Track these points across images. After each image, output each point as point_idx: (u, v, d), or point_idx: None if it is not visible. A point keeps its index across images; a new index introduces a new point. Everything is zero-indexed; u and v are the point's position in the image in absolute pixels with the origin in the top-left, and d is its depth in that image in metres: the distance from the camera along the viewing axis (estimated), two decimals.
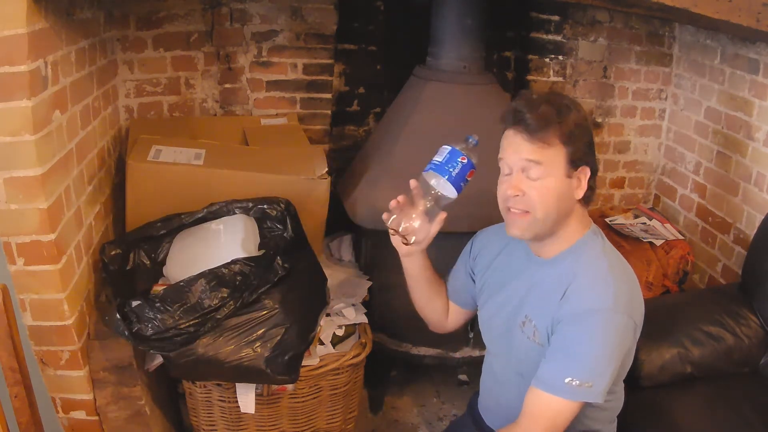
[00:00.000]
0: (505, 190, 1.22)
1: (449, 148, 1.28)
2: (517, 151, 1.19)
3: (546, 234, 1.24)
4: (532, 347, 1.24)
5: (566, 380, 1.14)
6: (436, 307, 1.51)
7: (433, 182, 1.28)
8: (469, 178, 1.28)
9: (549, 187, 1.19)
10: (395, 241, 1.36)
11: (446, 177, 1.26)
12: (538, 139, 1.17)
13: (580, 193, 1.22)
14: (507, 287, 1.33)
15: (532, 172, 1.18)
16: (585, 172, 1.21)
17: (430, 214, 1.30)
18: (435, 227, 1.31)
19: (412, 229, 1.30)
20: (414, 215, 1.29)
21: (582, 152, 1.20)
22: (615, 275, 1.20)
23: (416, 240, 1.31)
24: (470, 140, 1.29)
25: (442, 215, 1.31)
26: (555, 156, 1.18)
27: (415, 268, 1.42)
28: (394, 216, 1.30)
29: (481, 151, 1.28)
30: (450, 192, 1.27)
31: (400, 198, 1.30)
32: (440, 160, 1.27)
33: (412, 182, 1.29)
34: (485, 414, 1.45)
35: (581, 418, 1.20)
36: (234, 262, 1.49)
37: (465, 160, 1.26)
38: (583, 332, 1.15)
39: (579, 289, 1.18)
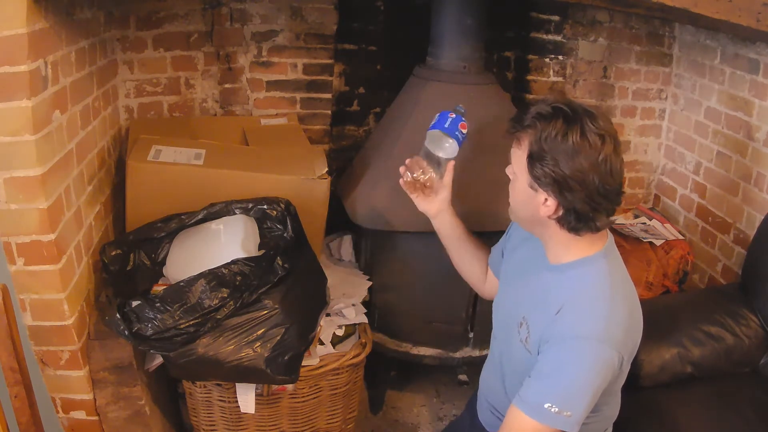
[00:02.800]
0: None
1: (439, 113, 1.45)
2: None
3: (528, 230, 1.26)
4: (522, 351, 1.24)
5: (546, 405, 1.11)
6: (473, 269, 1.54)
7: (428, 142, 1.43)
8: (462, 129, 1.42)
9: (516, 187, 1.21)
10: (420, 205, 1.46)
11: (440, 129, 1.42)
12: (512, 135, 1.18)
13: (545, 212, 1.15)
14: (519, 279, 1.33)
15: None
16: (551, 203, 1.13)
17: (441, 168, 1.44)
18: (448, 176, 1.44)
19: (427, 176, 1.43)
20: (425, 166, 1.44)
21: (542, 177, 1.12)
22: (614, 303, 1.15)
23: (432, 186, 1.44)
24: (458, 107, 1.46)
25: (451, 164, 1.43)
26: (519, 158, 1.17)
27: (446, 227, 1.49)
28: (409, 175, 1.43)
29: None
30: (448, 142, 1.42)
31: (407, 161, 1.43)
32: (433, 122, 1.45)
33: (408, 161, 1.44)
34: (480, 409, 1.45)
35: None
36: (234, 262, 1.49)
37: (454, 116, 1.42)
38: (569, 359, 1.12)
39: (573, 310, 1.15)
